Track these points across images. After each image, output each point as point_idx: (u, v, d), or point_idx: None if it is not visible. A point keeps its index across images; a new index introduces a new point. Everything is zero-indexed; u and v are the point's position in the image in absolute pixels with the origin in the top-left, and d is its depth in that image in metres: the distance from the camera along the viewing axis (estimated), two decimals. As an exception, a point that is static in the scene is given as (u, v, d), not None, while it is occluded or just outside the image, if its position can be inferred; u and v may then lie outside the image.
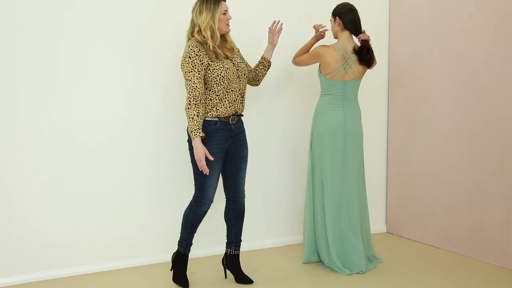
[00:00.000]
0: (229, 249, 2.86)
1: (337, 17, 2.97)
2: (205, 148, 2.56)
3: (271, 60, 2.95)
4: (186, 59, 2.56)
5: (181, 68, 2.60)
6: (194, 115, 2.54)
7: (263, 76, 2.95)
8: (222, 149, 2.67)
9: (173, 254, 2.84)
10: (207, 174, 2.60)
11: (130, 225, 3.14)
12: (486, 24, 3.17)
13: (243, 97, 2.74)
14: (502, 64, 3.08)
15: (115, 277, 2.94)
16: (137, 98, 3.13)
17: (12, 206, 2.83)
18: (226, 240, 2.89)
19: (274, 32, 2.92)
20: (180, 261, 2.80)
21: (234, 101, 2.66)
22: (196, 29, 2.61)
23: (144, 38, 3.12)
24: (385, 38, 3.96)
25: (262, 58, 2.93)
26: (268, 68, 2.95)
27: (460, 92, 3.36)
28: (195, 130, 2.54)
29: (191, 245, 2.81)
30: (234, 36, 2.87)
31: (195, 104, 2.55)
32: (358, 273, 2.97)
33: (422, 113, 3.66)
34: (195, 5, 2.64)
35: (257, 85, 2.99)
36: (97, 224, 3.05)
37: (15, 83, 2.81)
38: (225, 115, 2.64)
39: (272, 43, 2.93)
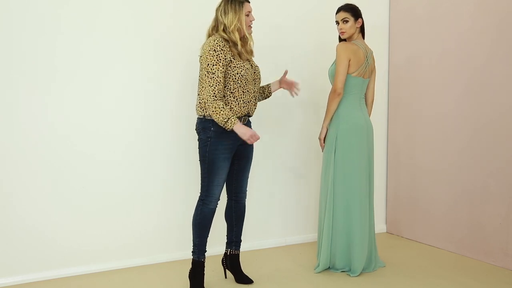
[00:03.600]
0: (229, 249, 2.86)
1: (360, 18, 2.98)
2: (248, 128, 2.56)
3: (272, 94, 2.97)
4: (211, 52, 2.52)
5: (203, 61, 2.55)
6: (222, 106, 2.50)
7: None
8: (232, 150, 2.66)
9: (189, 271, 2.74)
10: (258, 139, 2.58)
11: (130, 225, 3.14)
12: (487, 25, 3.17)
13: (256, 100, 2.75)
14: (503, 64, 3.08)
15: (115, 277, 2.94)
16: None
17: (12, 206, 2.83)
18: (226, 240, 2.89)
19: (288, 85, 2.93)
20: (195, 272, 2.69)
21: (248, 102, 2.66)
22: (221, 27, 2.60)
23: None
24: (385, 39, 3.96)
25: (267, 86, 2.94)
26: (265, 99, 2.97)
27: (460, 92, 3.36)
28: (230, 118, 2.49)
29: (205, 252, 2.70)
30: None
31: (220, 98, 2.53)
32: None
33: (422, 114, 3.66)
34: (220, 4, 2.64)
35: None
36: (97, 224, 3.05)
37: (14, 85, 2.81)
38: (238, 116, 2.63)
39: (278, 87, 2.95)
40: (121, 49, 3.06)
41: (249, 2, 2.66)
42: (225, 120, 2.49)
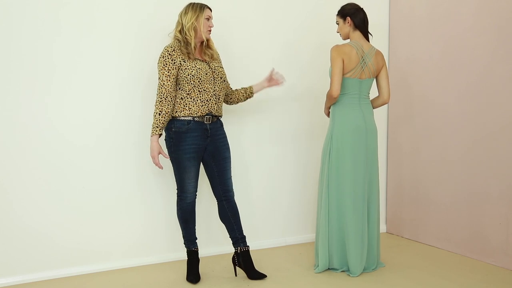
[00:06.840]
0: (238, 247, 2.87)
1: (347, 18, 2.96)
2: (160, 147, 2.70)
3: (254, 94, 3.06)
4: (160, 59, 2.71)
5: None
6: (157, 113, 2.67)
7: (238, 101, 3.06)
8: (198, 149, 2.76)
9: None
10: (161, 169, 2.79)
11: (130, 224, 3.14)
12: (488, 25, 3.16)
13: (218, 99, 2.81)
14: (504, 64, 3.08)
15: (115, 277, 2.95)
16: (135, 98, 3.13)
17: (12, 206, 2.84)
18: (231, 241, 2.90)
19: (274, 81, 3.07)
20: (188, 259, 2.89)
21: (207, 101, 2.74)
22: (179, 28, 2.75)
23: (140, 38, 3.12)
24: (385, 39, 3.96)
25: (249, 87, 3.04)
26: (247, 99, 3.06)
27: (460, 92, 3.36)
28: (155, 127, 2.67)
29: (195, 240, 2.88)
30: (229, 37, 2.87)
31: (160, 102, 2.68)
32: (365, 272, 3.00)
33: (422, 114, 3.66)
34: (183, 9, 2.79)
35: (228, 104, 3.09)
36: (97, 224, 3.05)
37: (13, 84, 2.81)
38: (199, 115, 2.72)
39: (266, 85, 3.07)
40: (120, 49, 3.06)
41: (211, 10, 2.80)
42: (152, 127, 2.68)
